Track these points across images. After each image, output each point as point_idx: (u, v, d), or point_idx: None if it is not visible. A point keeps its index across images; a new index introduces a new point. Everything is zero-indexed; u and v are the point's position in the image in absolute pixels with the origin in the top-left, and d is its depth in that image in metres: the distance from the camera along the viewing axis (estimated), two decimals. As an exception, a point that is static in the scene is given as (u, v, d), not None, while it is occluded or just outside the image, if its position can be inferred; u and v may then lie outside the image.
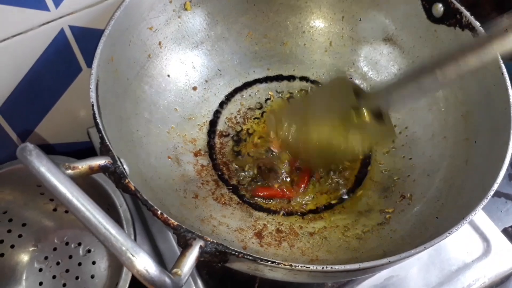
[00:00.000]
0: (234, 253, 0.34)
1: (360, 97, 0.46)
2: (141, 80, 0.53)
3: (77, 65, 0.57)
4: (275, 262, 0.34)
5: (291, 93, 0.62)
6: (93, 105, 0.40)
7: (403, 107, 0.56)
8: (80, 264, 0.59)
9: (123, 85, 0.50)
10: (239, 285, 0.53)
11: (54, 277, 0.58)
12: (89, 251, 0.59)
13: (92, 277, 0.58)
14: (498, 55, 0.36)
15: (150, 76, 0.54)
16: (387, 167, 0.55)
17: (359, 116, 0.45)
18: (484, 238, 0.57)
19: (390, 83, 0.44)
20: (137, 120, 0.51)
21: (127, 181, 0.36)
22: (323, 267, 0.34)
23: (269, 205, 0.53)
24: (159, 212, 0.35)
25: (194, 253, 0.33)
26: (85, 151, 0.67)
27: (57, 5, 0.49)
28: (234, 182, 0.54)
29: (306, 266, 0.34)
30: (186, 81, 0.58)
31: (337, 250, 0.47)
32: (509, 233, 0.60)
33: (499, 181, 0.40)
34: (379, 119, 0.45)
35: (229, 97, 0.60)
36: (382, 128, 0.46)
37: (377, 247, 0.47)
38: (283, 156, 0.55)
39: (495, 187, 0.39)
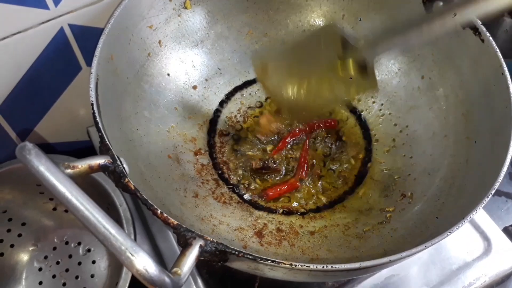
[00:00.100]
0: (234, 252, 0.34)
1: (347, 48, 0.45)
2: (141, 79, 0.53)
3: (77, 64, 0.57)
4: (275, 261, 0.34)
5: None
6: (92, 104, 0.40)
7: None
8: (80, 263, 0.59)
9: (123, 84, 0.49)
10: (239, 285, 0.53)
11: (54, 276, 0.58)
12: (89, 250, 0.59)
13: (92, 276, 0.58)
14: (485, 11, 0.37)
15: (150, 75, 0.54)
16: (388, 165, 0.55)
17: (344, 67, 0.45)
18: (484, 237, 0.57)
19: (376, 36, 0.45)
20: (137, 119, 0.51)
21: (126, 180, 0.36)
22: (324, 266, 0.34)
23: (270, 204, 0.53)
24: (159, 211, 0.35)
25: (194, 252, 0.33)
26: (85, 150, 0.66)
27: (56, 3, 0.49)
28: (234, 181, 0.54)
29: (306, 265, 0.34)
30: (186, 80, 0.58)
31: (337, 249, 0.47)
32: (509, 232, 0.60)
33: (500, 180, 0.40)
34: (363, 71, 0.45)
35: (229, 96, 0.60)
36: (366, 80, 0.46)
37: (377, 246, 0.47)
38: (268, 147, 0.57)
39: (496, 186, 0.39)
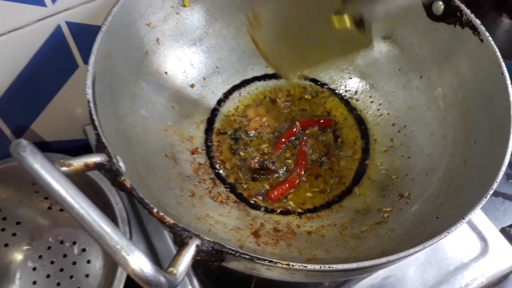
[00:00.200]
0: (230, 252, 0.33)
1: (345, 1, 0.45)
2: (138, 77, 0.52)
3: (74, 62, 0.57)
4: (272, 261, 0.33)
5: (289, 91, 0.61)
6: (89, 102, 0.39)
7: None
8: (74, 263, 0.58)
9: (120, 82, 0.49)
10: (235, 285, 0.53)
11: (48, 276, 0.57)
12: (84, 250, 0.59)
13: (86, 276, 0.57)
14: None
15: (147, 73, 0.54)
16: (386, 165, 0.55)
17: (341, 21, 0.44)
18: (481, 237, 0.57)
19: None
20: (134, 117, 0.51)
21: (122, 178, 0.36)
22: (321, 267, 0.34)
23: (266, 204, 0.53)
24: (155, 210, 0.35)
25: (190, 252, 0.32)
26: (81, 148, 0.66)
27: (54, 0, 0.49)
28: (231, 180, 0.54)
29: (303, 265, 0.34)
30: (183, 79, 0.58)
31: (334, 249, 0.47)
32: (506, 233, 0.60)
33: (498, 181, 0.40)
34: (360, 27, 0.45)
35: (227, 95, 0.60)
36: (362, 36, 0.45)
37: (375, 246, 0.47)
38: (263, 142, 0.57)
39: (495, 186, 0.39)
